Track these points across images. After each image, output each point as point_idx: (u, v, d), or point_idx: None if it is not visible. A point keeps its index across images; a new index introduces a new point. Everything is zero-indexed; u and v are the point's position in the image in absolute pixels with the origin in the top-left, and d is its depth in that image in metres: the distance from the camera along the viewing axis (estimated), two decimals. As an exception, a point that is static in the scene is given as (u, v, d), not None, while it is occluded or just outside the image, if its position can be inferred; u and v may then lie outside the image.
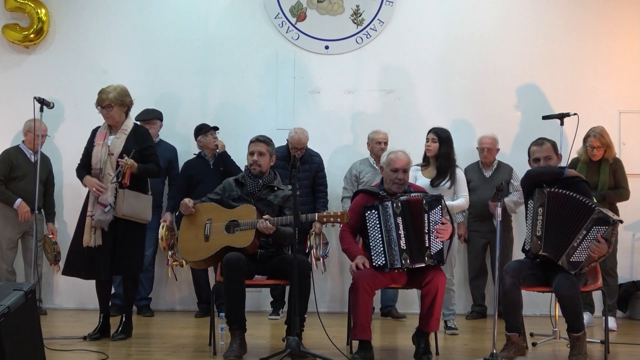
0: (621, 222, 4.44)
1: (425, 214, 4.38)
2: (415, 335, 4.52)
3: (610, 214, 4.33)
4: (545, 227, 4.42)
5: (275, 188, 4.78)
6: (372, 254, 4.41)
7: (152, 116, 6.32)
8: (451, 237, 4.55)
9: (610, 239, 4.29)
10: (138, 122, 5.94)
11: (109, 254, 4.89)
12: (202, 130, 6.27)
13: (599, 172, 5.74)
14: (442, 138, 5.47)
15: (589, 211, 4.31)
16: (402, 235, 4.36)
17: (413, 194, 4.51)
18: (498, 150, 6.31)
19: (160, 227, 6.14)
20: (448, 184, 5.41)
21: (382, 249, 4.39)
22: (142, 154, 4.97)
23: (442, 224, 4.40)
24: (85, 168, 5.02)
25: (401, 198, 4.44)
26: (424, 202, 4.40)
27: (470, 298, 6.46)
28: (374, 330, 4.68)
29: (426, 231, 4.37)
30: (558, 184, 4.47)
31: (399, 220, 4.39)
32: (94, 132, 5.08)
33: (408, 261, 4.34)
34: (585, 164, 5.77)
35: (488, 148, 6.22)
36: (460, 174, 5.52)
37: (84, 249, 4.88)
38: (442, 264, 4.44)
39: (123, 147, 4.90)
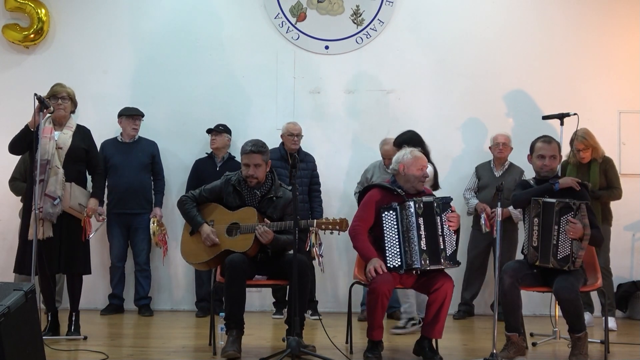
0: (587, 204, 4.45)
1: (438, 217, 4.40)
2: (417, 343, 4.52)
3: (571, 202, 4.38)
4: (540, 237, 4.45)
5: (274, 198, 4.65)
6: (387, 254, 4.38)
7: (137, 113, 6.44)
8: (458, 233, 4.54)
9: (582, 221, 4.34)
10: (122, 117, 6.41)
11: (58, 248, 4.90)
12: (210, 131, 6.40)
13: (589, 173, 5.72)
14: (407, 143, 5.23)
15: (551, 207, 4.40)
16: (423, 236, 4.35)
17: (427, 197, 4.50)
18: (511, 149, 6.26)
19: (151, 222, 6.13)
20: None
21: (398, 250, 4.37)
22: (87, 153, 5.12)
23: (452, 211, 4.43)
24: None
25: (423, 199, 4.43)
26: (436, 204, 4.42)
27: (457, 297, 6.29)
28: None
29: (440, 233, 4.38)
30: (554, 193, 4.51)
31: (421, 220, 4.37)
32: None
33: (428, 262, 4.33)
34: (575, 167, 5.75)
35: (503, 142, 6.20)
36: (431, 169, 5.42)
37: (31, 245, 4.80)
38: (457, 265, 4.47)
39: (71, 142, 5.01)
